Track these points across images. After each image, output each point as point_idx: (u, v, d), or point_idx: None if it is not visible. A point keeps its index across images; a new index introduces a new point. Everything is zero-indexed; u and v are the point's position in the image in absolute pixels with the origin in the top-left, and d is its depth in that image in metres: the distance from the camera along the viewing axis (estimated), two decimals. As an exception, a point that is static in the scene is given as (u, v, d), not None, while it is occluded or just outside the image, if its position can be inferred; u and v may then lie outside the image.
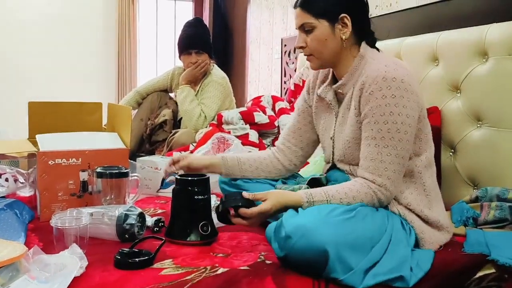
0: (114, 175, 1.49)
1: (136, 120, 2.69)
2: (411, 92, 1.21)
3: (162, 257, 1.17)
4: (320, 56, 1.34)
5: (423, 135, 1.29)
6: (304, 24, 1.32)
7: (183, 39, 2.72)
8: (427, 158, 1.30)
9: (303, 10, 1.32)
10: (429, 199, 1.28)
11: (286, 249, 1.08)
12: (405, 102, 1.20)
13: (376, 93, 1.21)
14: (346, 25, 1.31)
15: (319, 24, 1.30)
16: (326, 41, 1.31)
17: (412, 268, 1.10)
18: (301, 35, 1.35)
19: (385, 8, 2.38)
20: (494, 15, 1.64)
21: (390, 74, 1.21)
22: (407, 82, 1.21)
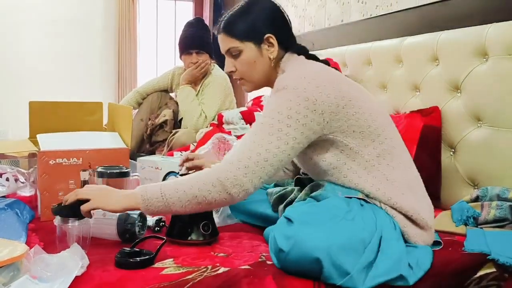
0: (114, 175, 1.49)
1: (136, 120, 2.69)
2: (303, 98, 1.16)
3: (163, 257, 1.17)
4: (251, 79, 1.35)
5: (364, 128, 1.23)
6: (230, 49, 1.32)
7: (184, 39, 2.72)
8: (376, 147, 1.24)
9: (227, 35, 1.31)
10: (397, 185, 1.23)
11: (280, 261, 1.08)
12: (290, 104, 1.16)
13: (273, 97, 1.22)
14: (272, 44, 1.31)
15: (245, 47, 1.30)
16: (255, 63, 1.32)
17: (412, 267, 1.10)
18: (229, 60, 1.35)
19: (385, 8, 2.39)
20: (494, 15, 1.64)
21: (284, 84, 1.20)
22: (301, 89, 1.17)
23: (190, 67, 2.68)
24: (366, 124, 1.24)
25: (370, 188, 1.23)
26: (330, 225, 1.08)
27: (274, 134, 1.15)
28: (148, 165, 1.95)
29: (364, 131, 1.24)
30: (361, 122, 1.24)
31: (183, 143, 2.44)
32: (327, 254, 1.02)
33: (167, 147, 2.51)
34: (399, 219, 1.22)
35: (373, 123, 1.25)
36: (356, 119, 1.23)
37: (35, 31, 4.44)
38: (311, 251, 1.02)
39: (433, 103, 1.79)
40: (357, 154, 1.24)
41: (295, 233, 1.06)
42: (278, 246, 1.07)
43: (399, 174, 1.26)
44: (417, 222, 1.22)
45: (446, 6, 1.91)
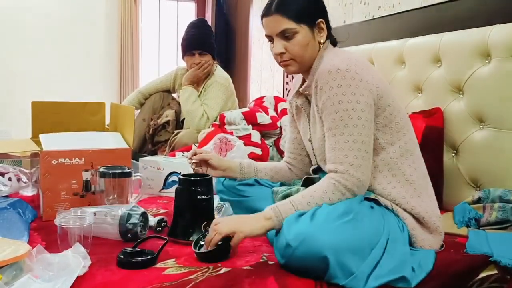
0: (117, 175, 1.49)
1: (138, 120, 2.69)
2: (358, 80, 1.22)
3: (165, 257, 1.17)
4: (302, 60, 1.35)
5: (393, 124, 1.28)
6: (285, 30, 1.32)
7: (187, 39, 2.72)
8: (402, 146, 1.28)
9: (283, 16, 1.31)
10: (414, 187, 1.27)
11: (286, 256, 1.08)
12: (353, 89, 1.22)
13: (324, 87, 1.25)
14: (323, 29, 1.35)
15: (301, 29, 1.32)
16: (308, 45, 1.34)
17: (414, 269, 1.10)
18: (279, 42, 1.34)
19: (388, 9, 2.39)
20: (497, 16, 1.64)
21: (334, 66, 1.24)
22: (353, 70, 1.23)
23: (193, 68, 2.68)
24: (395, 120, 1.28)
25: (388, 186, 1.26)
26: (339, 224, 1.09)
27: (358, 125, 1.21)
28: (150, 165, 1.95)
29: (393, 127, 1.28)
30: (392, 117, 1.28)
31: (185, 144, 2.44)
32: (334, 253, 1.03)
33: (169, 147, 2.51)
34: (408, 222, 1.23)
35: (401, 121, 1.30)
36: (390, 111, 1.28)
37: (38, 31, 4.46)
38: (319, 249, 1.03)
39: (436, 104, 1.78)
40: (383, 150, 1.28)
41: (305, 230, 1.07)
42: (286, 241, 1.07)
43: (417, 176, 1.29)
44: (428, 226, 1.24)
45: (449, 7, 1.91)
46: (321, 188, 1.21)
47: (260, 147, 2.30)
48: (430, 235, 1.25)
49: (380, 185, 1.27)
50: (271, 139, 2.43)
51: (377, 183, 1.27)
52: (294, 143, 1.56)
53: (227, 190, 1.56)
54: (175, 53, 5.23)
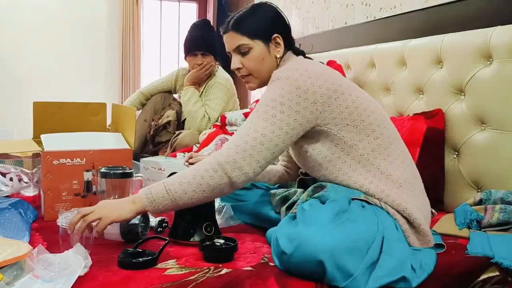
0: (118, 175, 1.49)
1: (139, 120, 2.70)
2: (295, 87, 1.23)
3: (166, 257, 1.17)
4: (259, 75, 1.40)
5: (358, 122, 1.27)
6: (240, 46, 1.38)
7: (190, 40, 2.72)
8: (371, 142, 1.27)
9: (237, 33, 1.38)
10: (392, 179, 1.25)
11: (283, 263, 1.08)
12: (283, 92, 1.23)
13: (268, 87, 1.29)
14: (279, 44, 1.39)
15: (255, 44, 1.37)
16: (263, 60, 1.38)
17: (415, 269, 1.10)
18: (236, 57, 1.40)
19: (389, 11, 2.38)
20: (498, 18, 1.64)
21: (278, 75, 1.27)
22: (293, 78, 1.24)
23: (195, 69, 2.68)
24: (359, 118, 1.28)
25: (365, 182, 1.26)
26: (333, 227, 1.08)
27: (268, 119, 1.21)
28: (151, 166, 1.95)
29: (358, 125, 1.27)
30: (355, 116, 1.27)
31: (186, 144, 2.45)
32: (330, 256, 1.02)
33: (170, 148, 2.51)
34: (399, 218, 1.22)
35: (367, 118, 1.29)
36: (349, 112, 1.27)
37: (40, 31, 4.46)
38: (314, 254, 1.02)
39: (437, 105, 1.78)
40: (351, 148, 1.27)
41: (298, 235, 1.06)
42: (280, 249, 1.07)
43: (394, 169, 1.28)
44: (418, 230, 1.22)
45: (450, 8, 1.91)
46: (198, 166, 1.20)
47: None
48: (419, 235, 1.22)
49: (356, 183, 1.26)
50: (272, 140, 2.43)
51: (353, 182, 1.27)
52: None
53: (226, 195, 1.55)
54: (177, 54, 5.23)
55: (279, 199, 1.41)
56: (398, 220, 1.21)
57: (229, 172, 1.18)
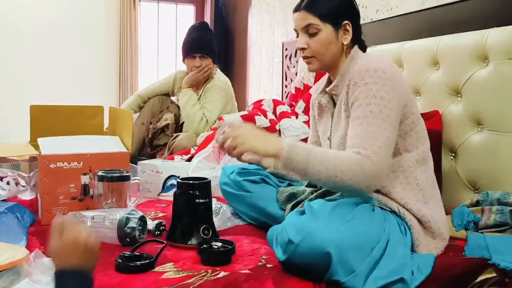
0: (115, 179, 1.49)
1: (137, 123, 2.69)
2: (394, 81, 1.24)
3: (163, 261, 1.17)
4: (322, 58, 1.37)
5: (414, 132, 1.29)
6: (309, 26, 1.35)
7: (188, 42, 2.72)
8: (419, 154, 1.30)
9: (310, 12, 1.35)
10: (424, 193, 1.28)
11: (288, 252, 1.08)
12: (388, 88, 1.23)
13: (359, 83, 1.26)
14: (348, 31, 1.36)
15: (325, 27, 1.34)
16: (330, 44, 1.35)
17: (413, 272, 1.10)
18: (303, 37, 1.37)
19: (386, 12, 2.39)
20: (494, 19, 1.65)
21: (372, 66, 1.26)
22: (389, 73, 1.25)
23: (193, 71, 2.68)
24: (416, 128, 1.30)
25: (398, 186, 1.27)
26: (341, 222, 1.09)
27: (386, 120, 1.21)
28: (149, 169, 1.95)
29: (413, 136, 1.30)
30: (413, 126, 1.30)
31: (184, 147, 2.44)
32: (337, 249, 1.03)
33: (167, 151, 2.51)
34: (414, 225, 1.23)
35: (420, 131, 1.32)
36: (413, 120, 1.30)
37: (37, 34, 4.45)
38: (322, 244, 1.03)
39: (434, 107, 1.78)
40: (400, 155, 1.29)
41: (307, 226, 1.07)
42: (288, 237, 1.08)
43: (428, 184, 1.30)
44: (432, 231, 1.25)
45: (447, 10, 1.91)
46: (341, 155, 1.20)
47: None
48: (433, 240, 1.25)
49: (391, 183, 1.27)
50: (270, 142, 2.43)
51: (389, 181, 1.27)
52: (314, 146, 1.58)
53: (232, 183, 1.56)
54: (174, 56, 5.23)
55: (286, 197, 1.43)
56: (412, 226, 1.23)
57: (370, 181, 1.17)
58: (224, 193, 1.60)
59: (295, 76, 3.26)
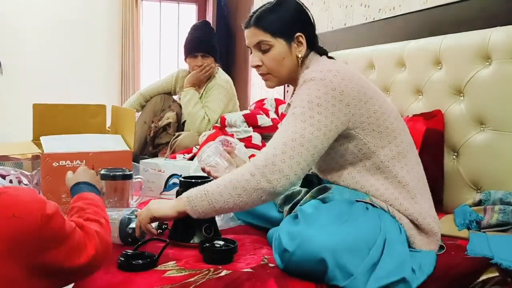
0: (117, 177, 1.49)
1: (139, 122, 2.69)
2: (330, 88, 1.20)
3: (166, 259, 1.17)
4: (278, 75, 1.36)
5: (382, 128, 1.26)
6: (260, 43, 1.33)
7: (190, 41, 2.72)
8: (392, 149, 1.27)
9: (259, 29, 1.33)
10: (408, 189, 1.25)
11: (284, 261, 1.08)
12: (319, 93, 1.20)
13: (301, 89, 1.24)
14: (301, 43, 1.34)
15: (277, 42, 1.32)
16: (284, 59, 1.33)
17: (414, 270, 1.10)
18: (256, 54, 1.36)
19: (388, 12, 2.39)
20: (497, 18, 1.64)
21: (311, 76, 1.23)
22: (328, 80, 1.21)
23: (195, 70, 2.68)
24: (384, 124, 1.27)
25: (380, 187, 1.25)
26: (335, 226, 1.09)
27: (307, 120, 1.18)
28: (151, 168, 1.95)
29: (382, 132, 1.27)
30: (381, 122, 1.27)
31: (186, 146, 2.45)
32: (332, 255, 1.03)
33: (170, 149, 2.51)
34: (405, 223, 1.22)
35: (390, 125, 1.28)
36: (377, 117, 1.26)
37: (39, 33, 4.47)
38: (316, 252, 1.03)
39: (436, 106, 1.78)
40: (374, 153, 1.26)
41: (300, 233, 1.06)
42: (283, 246, 1.07)
43: (411, 178, 1.28)
44: (423, 227, 1.23)
45: (449, 10, 1.91)
46: (237, 172, 1.18)
47: (261, 149, 2.30)
48: (426, 236, 1.24)
49: (373, 186, 1.26)
50: (272, 141, 2.43)
51: (370, 185, 1.26)
52: None
53: None
54: (176, 55, 5.24)
55: (283, 198, 1.42)
56: (403, 225, 1.22)
57: (268, 175, 1.13)
58: None
59: (297, 75, 3.26)
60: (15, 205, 0.70)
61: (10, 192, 0.72)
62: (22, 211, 0.70)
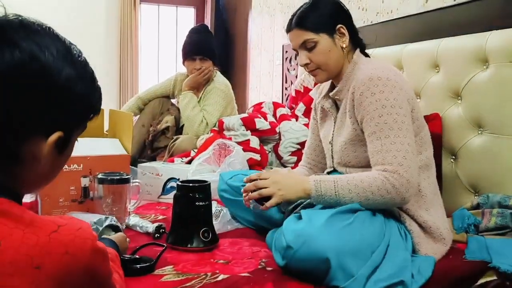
0: (115, 181, 1.49)
1: (137, 126, 2.69)
2: (399, 88, 1.25)
3: (163, 264, 1.17)
4: (327, 67, 1.39)
5: (418, 137, 1.30)
6: (305, 42, 1.37)
7: (188, 45, 2.72)
8: (422, 160, 1.31)
9: (301, 29, 1.37)
10: (425, 200, 1.28)
11: (287, 258, 1.08)
12: (395, 95, 1.24)
13: (365, 93, 1.26)
14: (344, 34, 1.38)
15: (320, 38, 1.36)
16: (330, 52, 1.37)
17: (413, 275, 1.10)
18: (303, 53, 1.39)
19: (386, 15, 2.39)
20: (494, 22, 1.64)
21: (376, 74, 1.26)
22: (393, 79, 1.25)
23: (193, 73, 2.68)
24: (420, 134, 1.31)
25: None
26: (340, 227, 1.09)
27: (402, 128, 1.22)
28: (149, 172, 1.95)
29: (417, 141, 1.30)
30: (418, 131, 1.31)
31: (184, 149, 2.44)
32: (336, 255, 1.03)
33: (168, 153, 2.51)
34: (414, 229, 1.23)
35: (424, 136, 1.33)
36: (418, 125, 1.31)
37: (37, 37, 4.46)
38: (321, 251, 1.03)
39: (434, 110, 1.78)
40: None
41: (306, 231, 1.07)
42: (286, 243, 1.07)
43: (430, 191, 1.30)
44: (434, 236, 1.25)
45: (447, 13, 1.91)
46: (367, 179, 1.20)
47: (259, 153, 2.30)
48: (435, 244, 1.25)
49: None
50: (270, 145, 2.43)
51: None
52: (316, 151, 1.58)
53: (231, 189, 1.55)
54: (175, 59, 5.24)
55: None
56: (412, 232, 1.23)
57: (404, 193, 1.18)
58: (223, 199, 1.59)
59: (295, 78, 3.27)
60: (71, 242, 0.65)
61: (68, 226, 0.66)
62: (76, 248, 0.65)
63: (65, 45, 0.73)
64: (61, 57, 0.70)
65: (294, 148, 2.32)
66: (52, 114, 0.68)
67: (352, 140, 1.33)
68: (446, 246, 1.28)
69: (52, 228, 0.64)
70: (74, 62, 0.73)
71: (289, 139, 2.35)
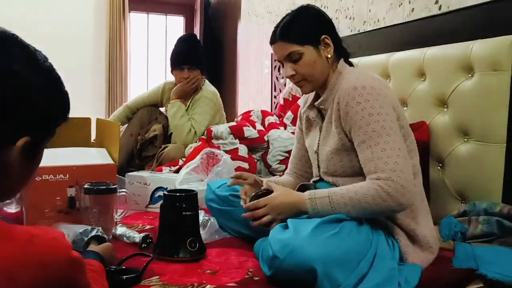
0: (101, 191, 1.48)
1: (126, 135, 2.68)
2: (384, 96, 1.25)
3: (150, 274, 1.16)
4: (313, 79, 1.38)
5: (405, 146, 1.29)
6: (291, 54, 1.36)
7: (177, 54, 2.72)
8: None
9: (286, 42, 1.36)
10: (412, 208, 1.27)
11: (273, 268, 1.08)
12: (380, 103, 1.24)
13: (351, 103, 1.26)
14: (328, 44, 1.37)
15: (306, 50, 1.35)
16: (315, 63, 1.36)
17: (400, 284, 1.10)
18: (288, 65, 1.39)
19: (373, 24, 2.41)
20: (478, 31, 1.67)
21: (360, 83, 1.26)
22: (378, 88, 1.26)
23: (181, 82, 2.68)
24: (406, 141, 1.30)
25: None
26: (326, 237, 1.09)
27: (391, 134, 1.22)
28: (137, 181, 1.94)
29: None
30: (404, 138, 1.29)
31: (173, 158, 2.43)
32: (322, 264, 1.03)
33: (156, 162, 2.49)
34: (401, 239, 1.23)
35: (410, 144, 1.33)
36: (403, 133, 1.30)
37: (25, 46, 4.43)
38: (307, 261, 1.03)
39: (420, 118, 1.80)
40: None
41: (292, 241, 1.07)
42: (272, 252, 1.07)
43: (417, 198, 1.30)
44: (421, 244, 1.25)
45: (433, 22, 1.93)
46: (361, 190, 1.19)
47: (247, 161, 2.29)
48: (422, 252, 1.26)
49: None
50: (258, 153, 2.43)
51: None
52: (301, 160, 1.58)
53: (218, 199, 1.54)
54: (164, 67, 5.24)
55: None
56: (400, 240, 1.23)
57: (401, 199, 1.17)
58: (210, 209, 1.58)
59: (283, 86, 3.28)
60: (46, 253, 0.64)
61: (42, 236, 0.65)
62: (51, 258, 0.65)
63: (30, 51, 0.72)
64: (26, 64, 0.69)
65: (282, 157, 2.32)
66: (18, 121, 0.67)
67: (338, 149, 1.33)
68: (433, 254, 1.28)
69: (25, 237, 0.63)
70: (39, 68, 0.72)
71: (277, 147, 2.35)
